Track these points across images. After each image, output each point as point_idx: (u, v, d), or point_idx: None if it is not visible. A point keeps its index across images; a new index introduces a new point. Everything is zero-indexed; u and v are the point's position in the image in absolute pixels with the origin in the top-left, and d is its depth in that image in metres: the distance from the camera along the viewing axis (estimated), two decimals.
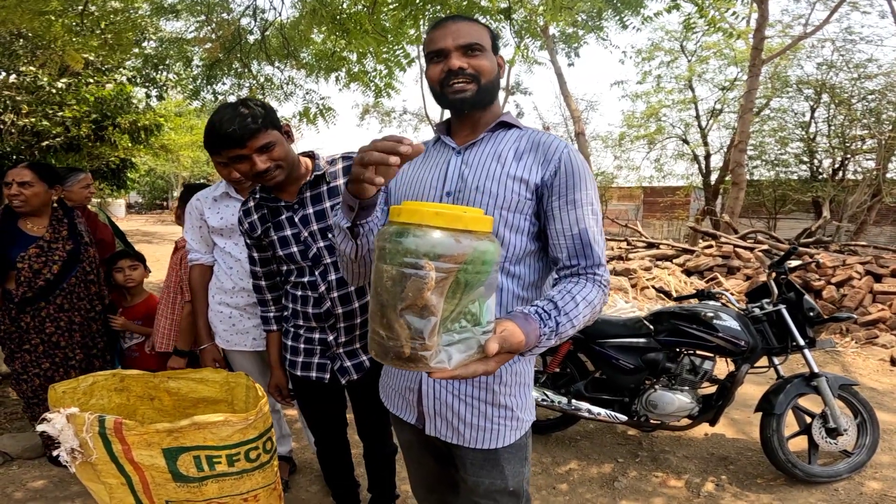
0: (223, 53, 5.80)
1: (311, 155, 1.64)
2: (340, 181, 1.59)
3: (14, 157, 8.08)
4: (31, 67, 6.97)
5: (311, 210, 1.58)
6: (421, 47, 4.66)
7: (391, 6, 4.22)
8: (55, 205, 2.43)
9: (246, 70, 6.47)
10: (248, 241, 1.69)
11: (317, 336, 1.67)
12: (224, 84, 6.99)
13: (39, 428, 1.32)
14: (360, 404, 1.83)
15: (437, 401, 1.18)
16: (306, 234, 1.58)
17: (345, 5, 4.70)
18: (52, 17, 4.49)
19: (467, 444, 1.18)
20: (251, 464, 1.41)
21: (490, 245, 0.72)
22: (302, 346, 1.70)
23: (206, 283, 2.14)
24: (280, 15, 5.43)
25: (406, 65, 4.64)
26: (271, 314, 1.78)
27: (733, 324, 2.50)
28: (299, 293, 1.64)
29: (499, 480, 1.19)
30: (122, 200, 23.12)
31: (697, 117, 13.83)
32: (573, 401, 2.67)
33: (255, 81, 6.98)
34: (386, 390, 1.35)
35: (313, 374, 1.70)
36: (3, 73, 6.96)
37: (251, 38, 5.69)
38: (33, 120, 8.06)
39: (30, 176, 2.28)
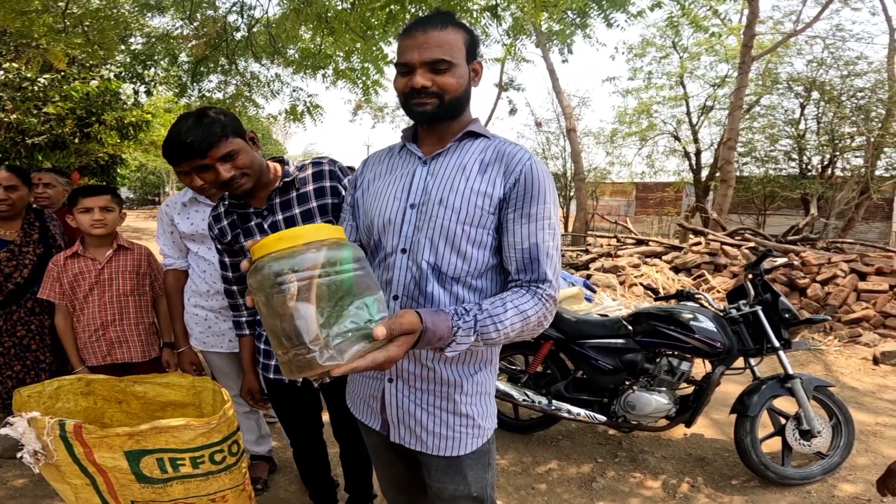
0: (209, 51, 5.75)
1: (281, 160, 1.63)
2: (310, 187, 1.59)
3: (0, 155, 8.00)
4: (14, 64, 6.89)
5: (280, 216, 1.57)
6: None
7: (374, 5, 4.19)
8: (29, 210, 2.44)
9: (232, 67, 6.42)
10: (219, 245, 1.69)
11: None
12: (211, 81, 6.95)
13: (2, 431, 1.34)
14: (334, 406, 1.84)
15: (399, 409, 1.19)
16: None
17: (330, 2, 4.67)
18: (34, 16, 4.44)
19: (430, 452, 1.19)
20: (216, 466, 1.42)
21: (339, 249, 0.79)
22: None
23: (180, 288, 2.14)
24: (267, 12, 5.35)
25: (383, 64, 4.62)
26: (243, 318, 1.78)
27: (709, 325, 2.51)
28: None
29: (462, 486, 1.21)
30: None
31: (688, 114, 13.88)
32: (554, 401, 2.68)
33: (241, 79, 6.94)
34: (352, 397, 1.35)
35: (286, 379, 1.72)
36: None
37: (238, 36, 5.65)
38: (19, 116, 7.97)
39: (15, 179, 2.30)
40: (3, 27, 5.54)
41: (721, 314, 2.64)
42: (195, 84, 6.69)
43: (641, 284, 6.11)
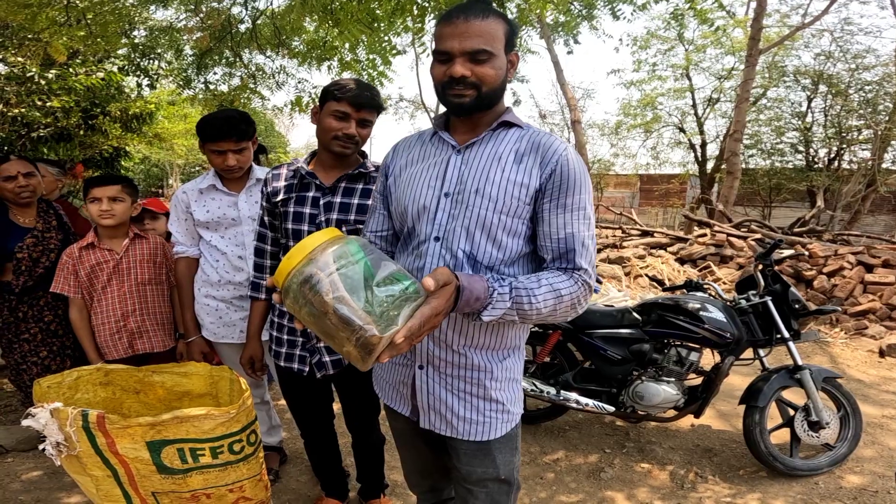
0: (214, 43, 5.73)
1: (362, 154, 1.71)
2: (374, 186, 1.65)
3: (5, 147, 8.00)
4: (19, 58, 6.88)
5: (338, 199, 1.63)
6: (411, 36, 4.59)
7: None
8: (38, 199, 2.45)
9: (237, 59, 6.41)
10: (266, 204, 1.73)
11: (298, 326, 1.69)
12: (215, 73, 6.94)
13: (24, 423, 1.33)
14: (346, 396, 1.85)
15: (430, 395, 1.21)
16: (323, 219, 1.62)
17: None
18: (36, 9, 4.43)
19: (461, 437, 1.21)
20: (235, 456, 1.43)
21: (344, 244, 0.86)
22: (285, 336, 1.74)
23: (191, 276, 2.14)
24: (271, 3, 5.33)
25: (391, 57, 4.58)
26: (263, 281, 1.81)
27: (719, 315, 2.51)
28: None
29: (490, 469, 1.23)
30: None
31: (694, 106, 13.80)
32: (562, 391, 2.68)
33: (246, 71, 6.92)
34: (380, 383, 1.36)
35: (294, 366, 1.74)
36: None
37: (242, 28, 5.62)
38: (23, 110, 7.97)
39: (30, 166, 2.32)
40: (5, 20, 5.52)
41: (730, 304, 2.64)
42: (200, 76, 6.69)
43: (647, 275, 6.10)
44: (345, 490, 2.14)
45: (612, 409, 2.65)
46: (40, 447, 1.38)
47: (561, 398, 2.67)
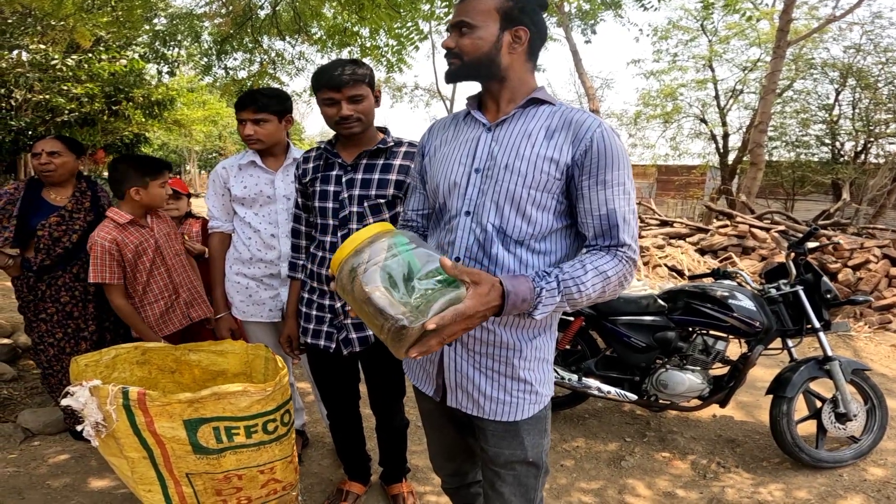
0: (234, 28, 5.73)
1: (383, 130, 1.74)
2: (398, 161, 1.67)
3: (30, 132, 8.14)
4: (42, 45, 6.96)
5: (360, 176, 1.66)
6: (433, 24, 4.55)
7: None
8: (80, 178, 2.46)
9: (257, 45, 6.40)
10: (298, 185, 1.79)
11: (326, 302, 1.72)
12: (235, 59, 6.94)
13: (64, 402, 1.32)
14: (372, 378, 1.86)
15: (457, 373, 1.20)
16: (345, 195, 1.65)
17: None
18: None
19: (488, 416, 1.20)
20: (269, 436, 1.43)
21: (393, 236, 0.90)
22: (314, 312, 1.76)
23: (224, 251, 2.16)
24: None
25: (418, 41, 4.54)
26: (300, 262, 1.84)
27: (748, 304, 2.47)
28: (319, 254, 1.72)
29: (518, 451, 1.22)
30: None
31: (717, 97, 13.51)
32: (583, 378, 2.67)
33: (266, 57, 6.91)
34: (408, 362, 1.36)
35: (321, 343, 1.75)
36: (16, 51, 6.95)
37: (262, 14, 5.61)
38: (47, 97, 8.08)
39: (59, 146, 2.31)
40: (29, 8, 5.58)
41: (760, 293, 2.59)
42: (220, 62, 6.70)
43: (666, 265, 6.03)
44: (367, 474, 2.15)
45: (634, 397, 2.62)
46: (78, 428, 1.37)
47: (582, 385, 2.65)
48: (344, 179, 1.66)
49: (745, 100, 13.58)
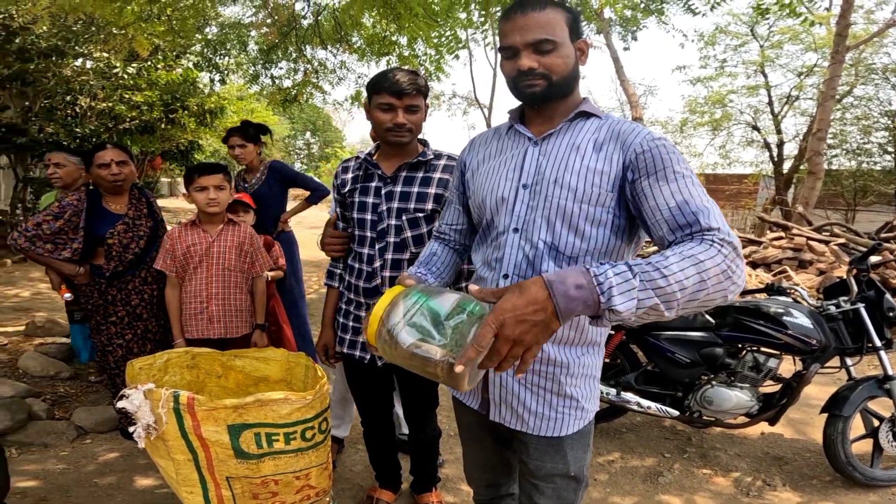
0: (280, 38, 5.90)
1: (423, 142, 1.72)
2: (437, 174, 1.64)
3: (94, 139, 8.61)
4: (104, 53, 7.33)
5: (399, 188, 1.64)
6: (472, 31, 4.52)
7: None
8: (132, 186, 2.53)
9: (300, 54, 6.57)
10: (337, 195, 1.78)
11: (363, 314, 1.72)
12: (280, 69, 7.16)
13: (120, 405, 1.37)
14: (406, 387, 1.85)
15: (502, 388, 1.17)
16: (384, 207, 1.64)
17: None
18: (123, 4, 4.67)
19: (531, 432, 1.18)
20: (306, 443, 1.46)
21: (407, 295, 0.92)
22: (350, 323, 1.75)
23: None
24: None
25: (457, 50, 4.51)
26: (338, 271, 1.84)
27: (805, 321, 2.34)
28: (356, 265, 1.71)
29: (561, 465, 1.19)
30: None
31: (770, 103, 12.92)
32: (622, 392, 2.57)
33: (309, 66, 7.08)
34: None
35: (357, 353, 1.74)
36: (80, 59, 7.36)
37: (304, 23, 5.75)
38: (110, 104, 8.55)
39: (124, 155, 2.37)
40: (92, 15, 5.90)
41: (818, 310, 2.44)
42: (267, 71, 6.93)
43: None
44: (398, 482, 2.14)
45: (675, 412, 2.52)
46: (130, 430, 1.41)
47: (621, 400, 2.55)
48: (383, 191, 1.64)
49: (802, 106, 12.94)
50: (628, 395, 2.55)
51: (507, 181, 1.15)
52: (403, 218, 1.62)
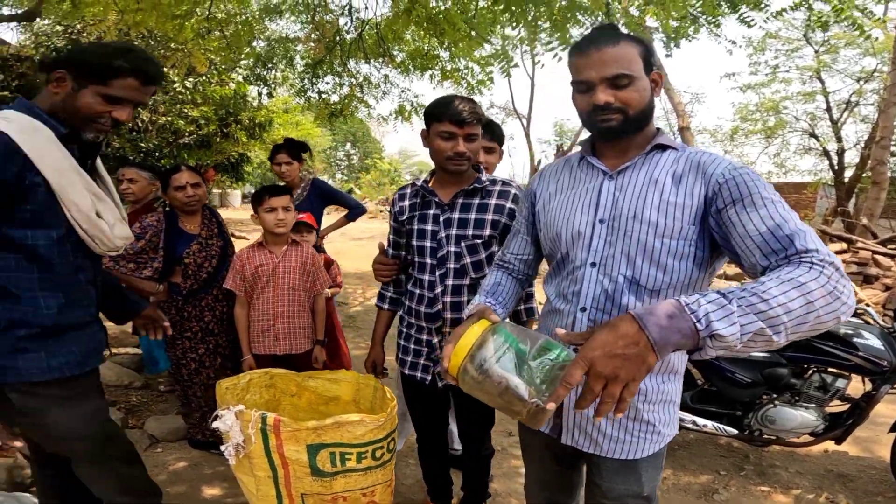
0: (325, 53, 6.05)
1: (477, 168, 1.73)
2: (493, 200, 1.66)
3: (156, 153, 9.00)
4: (164, 68, 7.66)
5: (457, 215, 1.66)
6: (524, 47, 4.45)
7: (486, 8, 4.07)
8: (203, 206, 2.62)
9: (345, 68, 6.72)
10: (394, 222, 1.81)
11: (424, 337, 1.75)
12: (327, 83, 7.33)
13: (214, 425, 1.46)
14: (463, 408, 1.85)
15: (578, 414, 1.17)
16: (443, 234, 1.66)
17: (435, 3, 4.67)
18: (183, 20, 4.90)
19: (605, 454, 1.17)
20: (376, 462, 1.51)
21: (496, 332, 0.95)
22: (412, 346, 1.78)
23: None
24: (375, 14, 5.50)
25: (509, 68, 4.43)
26: (388, 293, 1.89)
27: (877, 343, 2.23)
28: (417, 291, 1.73)
29: (634, 487, 1.18)
30: (238, 191, 25.43)
31: (828, 110, 12.29)
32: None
33: (354, 80, 7.23)
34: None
35: (418, 374, 1.77)
36: None
37: (348, 37, 5.86)
38: (170, 119, 8.98)
39: (196, 177, 2.44)
40: (155, 30, 6.19)
41: (889, 331, 2.32)
42: (314, 86, 7.11)
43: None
44: (449, 497, 2.14)
45: (734, 431, 2.43)
46: (221, 447, 1.48)
47: None
48: (442, 219, 1.66)
49: (862, 112, 12.24)
50: (683, 414, 2.47)
51: (582, 215, 1.14)
52: (462, 244, 1.64)
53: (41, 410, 1.25)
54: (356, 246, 10.47)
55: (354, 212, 3.56)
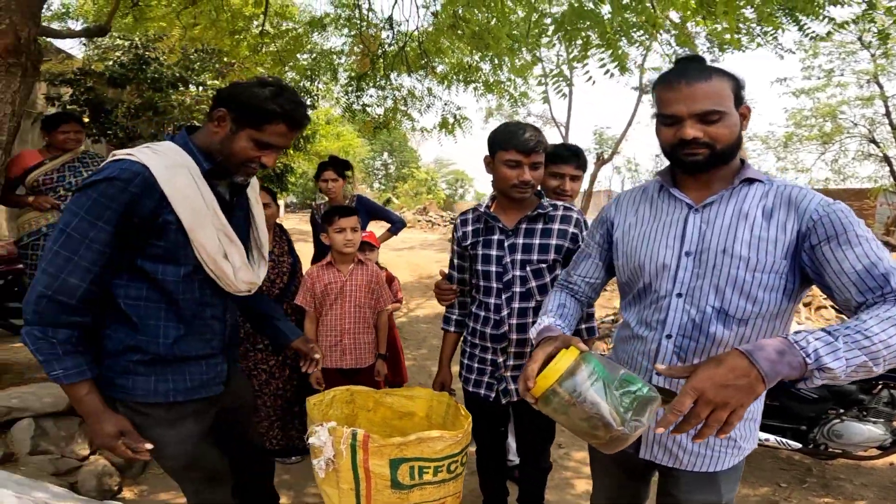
0: (370, 67, 6.18)
1: (538, 194, 1.78)
2: (556, 225, 1.71)
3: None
4: (216, 81, 7.96)
5: (521, 240, 1.70)
6: (577, 66, 4.36)
7: (535, 23, 4.05)
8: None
9: (387, 81, 6.85)
10: (457, 247, 1.86)
11: (489, 357, 1.79)
12: (371, 97, 7.48)
13: (310, 440, 1.54)
14: (523, 422, 1.88)
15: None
16: (508, 259, 1.70)
17: (477, 17, 4.70)
18: (240, 37, 5.12)
19: (685, 468, 1.19)
20: (449, 475, 1.57)
21: (586, 361, 0.98)
22: (476, 365, 1.83)
23: None
24: (416, 28, 5.59)
25: (563, 86, 4.43)
26: (453, 316, 1.94)
27: None
28: (482, 314, 1.77)
29: (713, 498, 1.20)
30: (282, 201, 26.30)
31: (887, 114, 11.66)
32: None
33: (397, 93, 7.35)
34: None
35: (482, 392, 1.82)
36: (199, 88, 8.05)
37: (389, 50, 5.97)
38: None
39: (268, 197, 2.50)
40: (212, 46, 6.46)
41: None
42: (359, 99, 7.28)
43: (833, 307, 5.21)
44: None
45: (798, 445, 2.39)
46: (314, 461, 1.56)
47: None
48: (506, 244, 1.70)
49: None
50: None
51: (667, 248, 1.15)
52: (528, 269, 1.68)
53: (143, 427, 1.31)
54: (396, 256, 10.62)
55: (396, 226, 3.75)
